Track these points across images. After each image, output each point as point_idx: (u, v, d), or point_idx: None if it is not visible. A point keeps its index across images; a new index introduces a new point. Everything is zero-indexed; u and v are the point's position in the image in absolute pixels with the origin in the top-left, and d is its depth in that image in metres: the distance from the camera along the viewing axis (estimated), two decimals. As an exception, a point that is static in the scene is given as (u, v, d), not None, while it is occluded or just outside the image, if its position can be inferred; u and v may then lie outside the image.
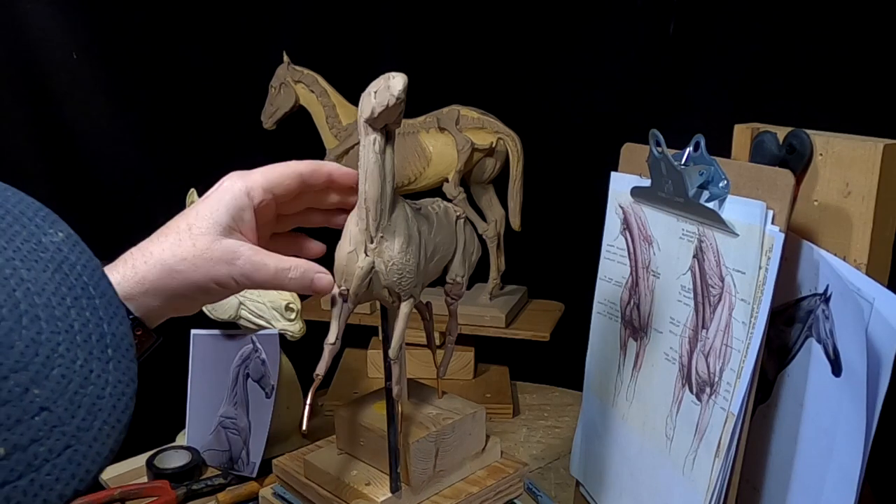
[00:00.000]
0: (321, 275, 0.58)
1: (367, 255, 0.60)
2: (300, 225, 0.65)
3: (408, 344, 0.72)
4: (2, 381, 0.27)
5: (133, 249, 0.54)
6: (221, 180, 0.57)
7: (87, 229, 0.37)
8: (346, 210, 0.62)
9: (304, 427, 0.62)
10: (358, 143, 0.60)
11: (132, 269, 0.52)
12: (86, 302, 0.32)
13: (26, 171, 1.13)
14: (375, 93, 0.56)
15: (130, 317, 0.51)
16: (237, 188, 0.56)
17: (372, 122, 0.57)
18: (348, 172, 0.61)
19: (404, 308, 0.63)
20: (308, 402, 0.62)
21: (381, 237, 0.60)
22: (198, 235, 0.53)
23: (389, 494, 0.67)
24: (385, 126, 0.58)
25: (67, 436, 0.29)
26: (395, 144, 0.59)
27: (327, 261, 0.62)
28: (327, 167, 0.60)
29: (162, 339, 0.56)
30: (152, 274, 0.52)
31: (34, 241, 0.33)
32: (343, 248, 0.61)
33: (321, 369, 0.63)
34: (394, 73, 0.55)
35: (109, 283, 0.35)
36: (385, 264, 0.61)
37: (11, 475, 0.27)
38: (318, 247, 0.65)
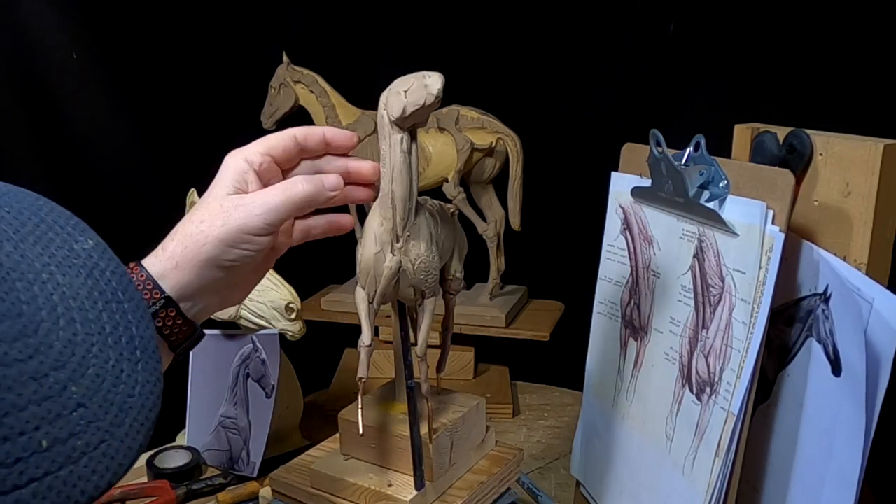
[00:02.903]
0: (327, 176, 0.57)
1: (393, 254, 0.60)
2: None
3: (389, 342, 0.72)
4: (43, 378, 0.29)
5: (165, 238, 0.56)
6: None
7: (87, 229, 0.37)
8: (355, 182, 0.61)
9: (360, 430, 0.63)
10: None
11: (162, 249, 0.54)
12: (115, 306, 0.34)
13: (26, 171, 1.13)
14: (406, 92, 0.55)
15: (164, 296, 0.52)
16: (236, 158, 0.57)
17: (401, 121, 0.57)
18: (344, 133, 0.60)
19: (429, 305, 0.64)
20: (360, 406, 0.64)
21: (408, 236, 0.60)
22: (210, 201, 0.55)
23: (415, 493, 0.67)
24: (411, 125, 0.58)
25: (102, 431, 0.31)
26: (418, 143, 0.59)
27: (344, 261, 0.62)
28: (321, 129, 0.60)
29: (204, 333, 0.57)
30: (179, 247, 0.53)
31: (67, 248, 0.35)
32: (369, 250, 0.61)
33: (363, 372, 0.64)
34: (428, 73, 0.55)
35: (136, 289, 0.37)
36: (412, 263, 0.61)
37: (53, 466, 0.29)
38: (347, 219, 0.64)
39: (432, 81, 0.55)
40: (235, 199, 0.55)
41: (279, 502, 0.75)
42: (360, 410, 0.63)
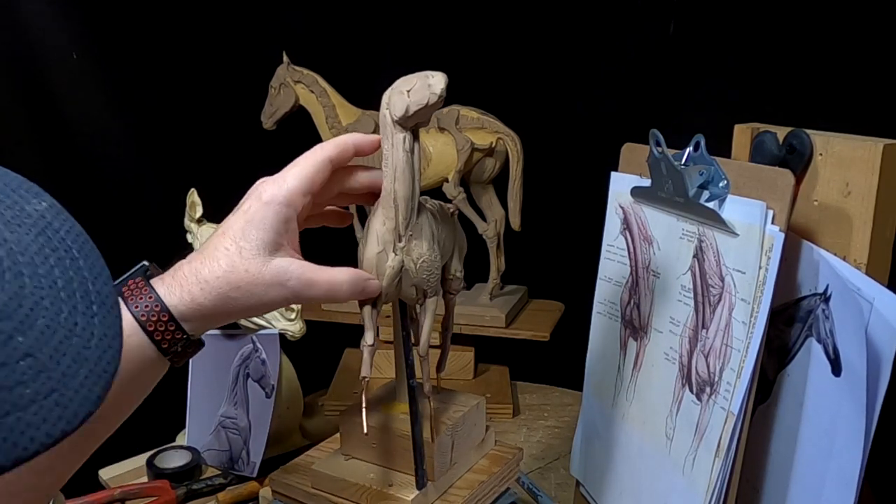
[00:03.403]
0: (371, 281, 0.60)
1: (395, 254, 0.61)
2: (333, 205, 0.65)
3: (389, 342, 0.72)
4: None
5: (185, 268, 0.55)
6: (258, 190, 0.57)
7: (87, 228, 0.37)
8: (375, 194, 0.62)
9: (364, 429, 0.63)
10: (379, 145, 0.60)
11: (189, 296, 0.54)
12: (69, 262, 0.34)
13: (26, 171, 1.12)
14: (409, 91, 0.56)
15: (184, 336, 0.53)
16: (278, 200, 0.56)
17: (404, 121, 0.57)
18: (370, 137, 0.61)
19: (431, 305, 0.64)
20: (363, 405, 0.64)
21: (411, 235, 0.60)
22: (249, 259, 0.54)
23: (416, 493, 0.67)
24: (414, 125, 0.58)
25: (53, 380, 0.30)
26: (420, 143, 0.59)
27: (346, 261, 0.62)
28: (349, 139, 0.60)
29: (204, 343, 0.58)
30: (209, 302, 0.54)
31: (17, 209, 0.34)
32: (371, 249, 0.61)
33: (366, 371, 0.63)
34: (431, 73, 0.56)
35: (94, 248, 0.36)
36: (414, 262, 0.61)
37: None
38: (348, 215, 0.66)
39: (436, 81, 0.55)
40: (279, 271, 0.55)
41: (279, 502, 0.75)
42: (363, 410, 0.63)
